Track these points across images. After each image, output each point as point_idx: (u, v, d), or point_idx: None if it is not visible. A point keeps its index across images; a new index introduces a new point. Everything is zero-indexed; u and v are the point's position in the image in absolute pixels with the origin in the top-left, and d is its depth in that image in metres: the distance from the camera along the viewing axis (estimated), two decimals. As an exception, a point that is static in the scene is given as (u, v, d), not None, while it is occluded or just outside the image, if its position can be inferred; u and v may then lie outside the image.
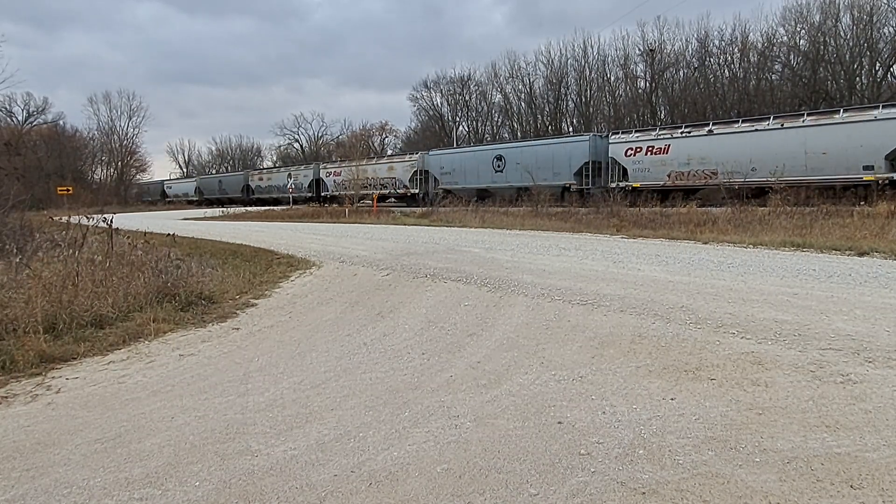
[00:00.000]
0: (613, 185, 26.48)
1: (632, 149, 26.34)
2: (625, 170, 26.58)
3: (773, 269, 7.98)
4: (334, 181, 43.16)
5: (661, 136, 25.65)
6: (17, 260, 7.44)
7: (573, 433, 3.25)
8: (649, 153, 25.72)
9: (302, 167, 50.78)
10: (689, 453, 2.95)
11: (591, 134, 29.85)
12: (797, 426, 3.21)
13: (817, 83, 36.64)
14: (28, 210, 17.47)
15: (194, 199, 64.34)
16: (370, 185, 38.78)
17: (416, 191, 36.78)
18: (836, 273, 7.49)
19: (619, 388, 3.89)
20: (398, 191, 38.38)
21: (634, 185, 25.83)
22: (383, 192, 38.83)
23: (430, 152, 37.73)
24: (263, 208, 43.75)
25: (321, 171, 46.41)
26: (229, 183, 60.75)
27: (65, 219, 13.32)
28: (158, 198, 71.94)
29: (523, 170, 29.93)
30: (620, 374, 4.17)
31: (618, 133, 28.00)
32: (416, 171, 36.97)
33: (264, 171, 58.55)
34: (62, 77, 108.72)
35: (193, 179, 71.74)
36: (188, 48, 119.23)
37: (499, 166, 32.29)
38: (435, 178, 36.12)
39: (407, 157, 39.27)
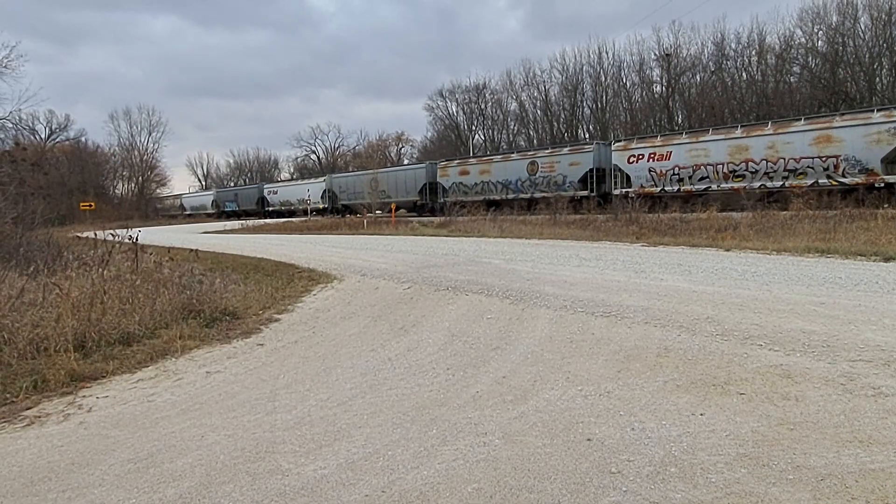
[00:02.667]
0: None
1: None
2: None
3: (799, 277, 7.89)
4: (651, 170, 26.65)
5: None
6: (48, 279, 7.58)
7: (603, 451, 3.23)
8: None
9: (565, 150, 31.69)
10: (721, 471, 2.92)
11: None
12: (829, 441, 3.17)
13: (837, 84, 36.25)
14: (52, 226, 17.79)
15: (319, 207, 46.89)
16: (764, 172, 23.11)
17: None
18: (862, 280, 7.38)
19: (647, 404, 3.86)
20: (843, 179, 21.04)
21: None
22: (798, 181, 21.99)
23: None
24: (299, 220, 35.87)
25: (615, 154, 28.32)
26: (400, 183, 40.35)
27: (89, 235, 13.56)
28: (253, 207, 57.04)
29: None
30: (648, 388, 4.14)
31: None
32: None
33: (472, 160, 36.84)
34: (79, 92, 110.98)
35: (321, 180, 50.31)
36: (204, 61, 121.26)
37: None
38: None
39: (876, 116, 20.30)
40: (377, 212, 34.00)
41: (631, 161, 27.38)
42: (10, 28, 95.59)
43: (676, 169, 25.80)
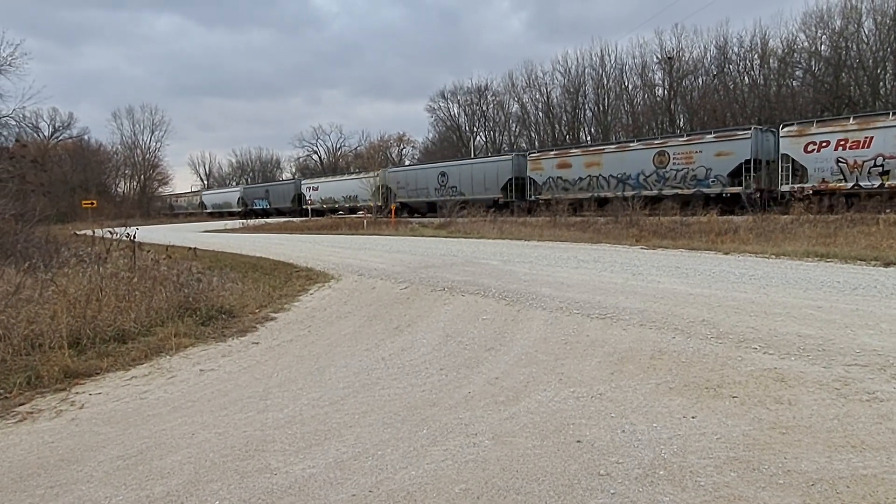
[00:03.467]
0: None
1: None
2: None
3: (796, 280, 7.87)
4: (840, 161, 21.32)
5: None
6: (45, 276, 7.58)
7: (592, 452, 3.22)
8: None
9: (708, 137, 25.99)
10: (710, 474, 2.90)
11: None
12: (822, 446, 3.15)
13: (840, 89, 36.19)
14: (53, 223, 17.81)
15: (370, 205, 36.73)
16: None
17: None
18: (861, 285, 7.35)
19: (638, 406, 3.85)
20: None
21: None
22: None
23: None
24: (300, 220, 34.69)
25: (785, 141, 22.77)
26: (477, 178, 33.89)
27: (88, 232, 13.57)
28: (288, 205, 48.85)
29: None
30: (640, 391, 4.13)
31: None
32: None
33: (575, 151, 31.27)
34: (83, 91, 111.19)
35: (373, 175, 39.71)
36: (207, 61, 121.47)
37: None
38: None
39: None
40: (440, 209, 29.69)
41: (809, 150, 21.70)
42: (15, 26, 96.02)
43: (880, 159, 20.20)
